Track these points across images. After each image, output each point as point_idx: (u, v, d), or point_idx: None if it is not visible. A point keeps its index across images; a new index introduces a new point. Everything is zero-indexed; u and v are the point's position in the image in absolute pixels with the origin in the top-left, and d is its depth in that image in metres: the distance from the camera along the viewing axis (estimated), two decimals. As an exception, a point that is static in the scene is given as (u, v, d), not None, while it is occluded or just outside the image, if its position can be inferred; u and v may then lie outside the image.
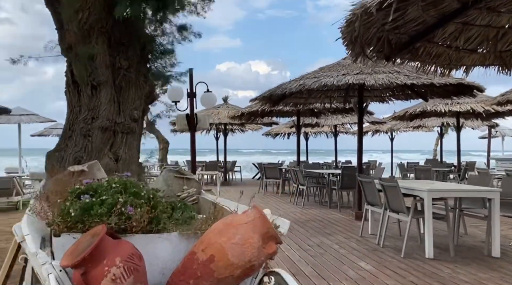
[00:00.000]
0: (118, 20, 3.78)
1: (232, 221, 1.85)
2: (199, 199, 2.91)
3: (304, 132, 21.67)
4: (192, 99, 8.06)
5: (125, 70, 4.06)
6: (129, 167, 3.92)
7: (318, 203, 10.37)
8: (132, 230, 1.74)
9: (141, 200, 1.80)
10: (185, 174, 2.81)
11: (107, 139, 3.93)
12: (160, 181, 2.74)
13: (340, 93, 9.40)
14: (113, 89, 4.02)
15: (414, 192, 5.31)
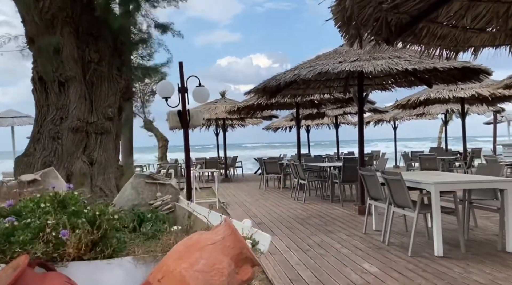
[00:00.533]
0: (86, 9, 3.41)
1: (196, 241, 1.49)
2: (176, 207, 2.55)
3: (305, 125, 21.29)
4: (184, 94, 7.68)
5: (96, 64, 3.68)
6: (105, 170, 3.57)
7: (320, 197, 10.02)
8: (70, 257, 1.39)
9: (81, 219, 1.44)
10: (158, 179, 2.45)
11: (80, 141, 3.57)
12: (128, 188, 2.38)
13: (340, 82, 9.01)
14: (84, 86, 3.64)
15: (420, 185, 4.94)
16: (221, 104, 14.72)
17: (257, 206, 9.04)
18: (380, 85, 8.92)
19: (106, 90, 3.73)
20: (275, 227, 6.55)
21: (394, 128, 21.04)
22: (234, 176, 18.29)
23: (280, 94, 8.76)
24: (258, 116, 14.91)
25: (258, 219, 7.35)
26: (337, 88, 9.25)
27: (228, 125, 18.32)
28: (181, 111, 7.68)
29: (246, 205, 9.18)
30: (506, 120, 22.17)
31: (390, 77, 8.61)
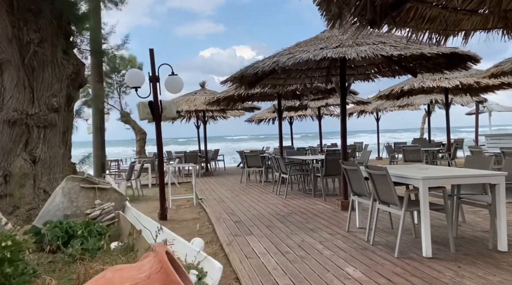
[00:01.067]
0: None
1: (111, 281, 1.05)
2: (120, 217, 2.10)
3: (288, 117, 20.94)
4: (155, 84, 7.18)
5: (37, 46, 3.16)
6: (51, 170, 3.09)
7: (302, 191, 9.67)
8: None
9: None
10: (96, 183, 2.00)
11: (19, 136, 3.07)
12: (59, 195, 1.93)
13: (321, 72, 8.61)
14: (22, 71, 3.13)
15: (408, 180, 4.59)
16: (200, 96, 14.20)
17: (237, 202, 8.63)
18: (363, 75, 8.57)
19: (49, 77, 3.22)
20: (254, 225, 6.15)
21: (377, 120, 20.87)
22: (216, 170, 17.84)
23: (260, 84, 8.32)
24: (239, 108, 14.44)
25: (237, 216, 6.93)
26: (318, 78, 8.85)
27: (208, 117, 17.81)
28: (153, 102, 7.19)
29: (225, 201, 8.76)
30: (487, 111, 22.24)
31: (373, 66, 8.26)
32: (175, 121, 19.37)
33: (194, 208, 8.45)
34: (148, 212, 8.10)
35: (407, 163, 11.78)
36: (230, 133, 72.68)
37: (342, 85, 7.12)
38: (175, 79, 7.36)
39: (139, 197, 10.21)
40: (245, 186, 11.56)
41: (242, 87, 7.86)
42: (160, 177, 7.37)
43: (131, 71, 7.19)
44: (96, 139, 10.28)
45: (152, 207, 8.68)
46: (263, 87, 8.75)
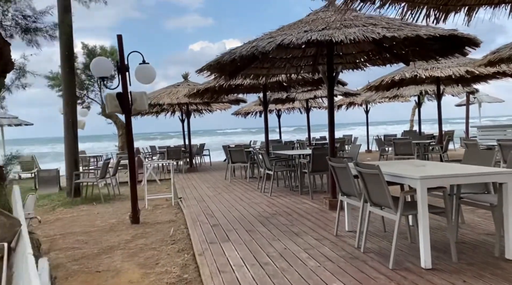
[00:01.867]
0: None
1: None
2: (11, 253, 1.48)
3: (275, 109, 20.35)
4: (124, 74, 6.52)
5: None
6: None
7: (289, 188, 9.10)
8: None
9: None
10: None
11: None
12: None
13: (308, 61, 8.01)
14: None
15: (403, 180, 4.04)
16: (183, 88, 13.50)
17: (218, 201, 8.03)
18: (352, 64, 7.99)
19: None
20: (233, 230, 5.56)
21: (366, 112, 20.38)
22: (201, 165, 17.20)
23: (242, 74, 7.70)
24: (224, 101, 13.79)
25: (215, 219, 6.34)
26: (305, 68, 8.25)
27: (192, 110, 17.14)
28: (121, 93, 6.53)
29: (206, 200, 8.15)
30: (477, 102, 21.89)
31: (363, 54, 7.68)
32: (159, 114, 18.66)
33: (172, 208, 7.84)
34: (121, 214, 7.49)
35: (398, 157, 11.29)
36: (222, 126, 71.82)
37: (330, 74, 6.53)
38: (147, 68, 6.70)
39: (115, 196, 9.56)
40: (229, 182, 10.96)
41: (221, 77, 7.22)
42: (131, 176, 6.73)
43: (97, 59, 6.51)
44: (68, 134, 9.59)
45: (127, 207, 8.02)
46: (245, 78, 8.13)
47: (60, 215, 7.72)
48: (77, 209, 8.31)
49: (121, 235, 5.93)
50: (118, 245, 5.40)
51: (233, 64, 6.44)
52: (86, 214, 7.75)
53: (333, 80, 6.56)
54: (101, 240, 5.73)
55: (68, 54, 9.36)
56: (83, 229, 6.46)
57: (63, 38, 9.37)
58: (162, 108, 16.73)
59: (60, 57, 9.44)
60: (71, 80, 9.50)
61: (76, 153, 9.59)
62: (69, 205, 8.69)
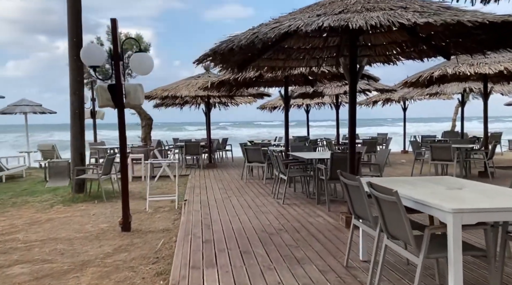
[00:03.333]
0: None
1: None
2: None
3: (304, 104, 19.31)
4: (117, 63, 5.80)
5: None
6: None
7: (306, 195, 8.17)
8: None
9: None
10: None
11: None
12: None
13: (330, 52, 7.00)
14: None
15: (431, 210, 3.06)
16: (202, 80, 12.75)
17: (224, 207, 7.24)
18: (382, 57, 6.91)
19: None
20: (225, 250, 4.73)
21: (404, 109, 18.92)
22: (222, 161, 16.50)
23: (253, 66, 6.82)
24: (244, 94, 12.95)
25: (211, 232, 5.54)
26: (327, 60, 7.25)
27: (216, 103, 16.41)
28: (114, 85, 5.82)
29: (211, 205, 7.38)
30: (529, 102, 19.90)
31: (395, 45, 6.59)
32: (183, 106, 18.07)
33: (173, 213, 7.13)
34: (118, 217, 6.83)
35: (435, 162, 10.06)
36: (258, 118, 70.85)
37: (352, 67, 5.53)
38: (143, 58, 5.96)
39: (119, 194, 8.96)
40: (244, 183, 10.15)
41: (227, 69, 6.36)
42: (123, 176, 6.04)
43: (87, 46, 5.83)
44: (74, 126, 9.07)
45: (125, 209, 7.40)
46: (257, 70, 7.23)
47: (54, 215, 7.19)
48: (75, 207, 7.77)
49: (104, 246, 5.26)
50: (94, 260, 4.72)
51: (236, 54, 5.58)
52: (81, 215, 7.17)
53: (356, 75, 5.56)
54: (80, 251, 5.08)
55: (76, 41, 8.80)
56: (68, 235, 5.85)
57: (70, 24, 8.82)
58: (185, 101, 16.09)
59: (68, 44, 8.90)
60: (78, 68, 8.95)
61: (82, 146, 9.07)
62: (68, 203, 8.18)
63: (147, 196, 7.57)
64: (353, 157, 5.72)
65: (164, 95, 12.64)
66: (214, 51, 4.76)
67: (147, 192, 7.62)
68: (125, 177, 5.99)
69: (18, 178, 12.60)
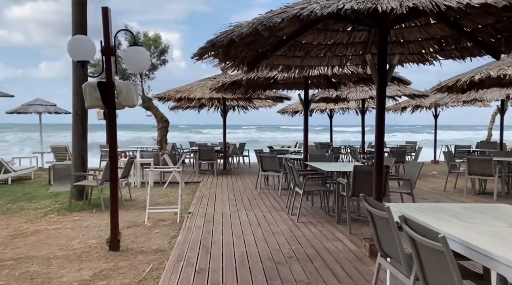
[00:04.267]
0: None
1: None
2: None
3: (328, 109, 18.31)
4: (109, 58, 5.07)
5: None
6: None
7: (325, 210, 7.24)
8: None
9: None
10: None
11: None
12: None
13: (356, 49, 6.08)
14: None
15: (493, 263, 2.14)
16: (217, 81, 11.97)
17: (230, 223, 6.41)
18: (416, 55, 5.94)
19: None
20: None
21: (435, 116, 17.66)
22: (239, 166, 15.70)
23: (265, 64, 5.98)
24: (261, 97, 12.11)
25: (207, 258, 4.71)
26: (352, 59, 6.33)
27: (235, 106, 15.66)
28: (104, 83, 5.10)
29: (216, 220, 6.56)
30: None
31: (432, 42, 5.61)
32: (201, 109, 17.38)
33: (174, 228, 6.36)
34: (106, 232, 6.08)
35: (472, 177, 8.93)
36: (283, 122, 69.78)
37: (381, 66, 4.62)
38: (138, 52, 5.22)
39: (123, 203, 8.29)
40: (258, 193, 9.30)
41: (236, 66, 5.54)
42: (112, 186, 5.29)
43: (75, 38, 5.13)
44: (76, 128, 8.45)
45: (125, 221, 6.69)
46: (271, 69, 6.38)
47: (44, 226, 6.53)
48: (69, 217, 7.10)
49: (83, 270, 4.52)
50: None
51: (243, 50, 4.76)
52: (72, 226, 6.48)
53: (385, 75, 4.65)
54: (54, 275, 4.35)
55: (81, 26, 8.17)
56: (49, 252, 5.15)
57: (74, 19, 8.22)
58: (201, 103, 15.40)
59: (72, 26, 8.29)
60: (78, 67, 8.32)
61: (84, 150, 8.44)
62: (64, 211, 7.53)
63: (146, 207, 6.82)
64: (380, 171, 4.79)
65: (178, 97, 11.94)
66: (212, 43, 3.94)
67: (147, 203, 6.88)
68: (115, 188, 5.25)
69: (26, 179, 12.17)
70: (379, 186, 4.75)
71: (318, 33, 5.51)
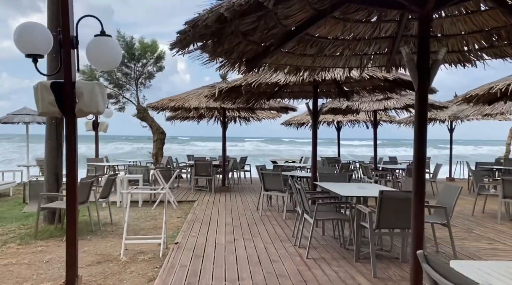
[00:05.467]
0: None
1: None
2: None
3: (335, 121, 17.15)
4: (68, 50, 3.93)
5: None
6: None
7: (339, 241, 6.02)
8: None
9: None
10: None
11: None
12: None
13: (380, 46, 4.93)
14: None
15: None
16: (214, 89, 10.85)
17: (224, 259, 5.20)
18: (456, 54, 4.80)
19: None
20: None
21: (450, 130, 16.45)
22: (239, 182, 14.51)
23: (268, 63, 4.85)
24: (264, 108, 10.98)
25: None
26: (375, 59, 5.19)
27: (234, 117, 14.57)
28: (61, 83, 3.97)
29: (207, 255, 5.35)
30: None
31: (479, 36, 4.46)
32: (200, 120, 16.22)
33: (155, 264, 5.16)
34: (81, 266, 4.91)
35: (506, 200, 7.70)
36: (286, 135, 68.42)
37: (422, 61, 3.48)
38: (106, 44, 4.08)
39: (100, 228, 7.10)
40: (259, 216, 8.09)
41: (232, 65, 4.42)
42: (69, 213, 4.09)
43: (24, 25, 4.00)
44: (50, 140, 7.32)
45: (98, 253, 5.49)
46: (277, 71, 5.24)
47: (-4, 259, 5.34)
48: (31, 248, 5.90)
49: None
50: None
51: (238, 41, 3.64)
52: (30, 261, 5.29)
53: (427, 73, 3.49)
54: None
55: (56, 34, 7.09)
56: (-16, 302, 3.96)
57: (50, 13, 7.16)
58: (200, 113, 14.28)
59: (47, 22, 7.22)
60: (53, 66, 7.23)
61: (58, 166, 7.29)
62: (29, 239, 6.34)
63: (123, 238, 5.62)
64: (422, 202, 3.59)
65: (171, 105, 10.82)
66: (193, 24, 2.80)
67: (124, 232, 5.67)
68: (73, 218, 4.05)
69: (4, 196, 11.02)
70: (420, 224, 3.55)
71: (335, 24, 4.38)
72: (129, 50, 16.12)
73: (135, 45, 16.05)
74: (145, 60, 16.40)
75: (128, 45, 16.01)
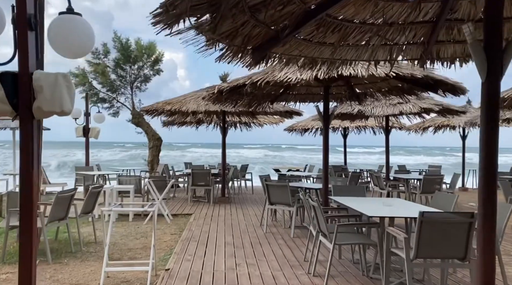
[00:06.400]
0: None
1: None
2: None
3: (341, 127, 16.27)
4: (25, 31, 3.03)
5: None
6: None
7: (360, 268, 5.07)
8: None
9: None
10: None
11: None
12: None
13: (415, 35, 4.03)
14: None
15: None
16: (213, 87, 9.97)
17: (224, 292, 4.27)
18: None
19: None
20: None
21: (463, 137, 15.58)
22: (240, 192, 13.57)
23: (278, 55, 3.97)
24: (267, 112, 10.09)
25: None
26: (406, 50, 4.31)
27: (234, 123, 13.70)
28: (13, 74, 3.07)
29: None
30: None
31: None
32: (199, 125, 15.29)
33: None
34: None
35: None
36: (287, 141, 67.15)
37: (492, 43, 2.59)
38: (73, 24, 3.18)
39: (81, 247, 6.17)
40: (264, 234, 7.16)
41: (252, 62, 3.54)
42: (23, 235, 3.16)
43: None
44: (25, 148, 6.39)
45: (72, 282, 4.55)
46: (287, 63, 4.35)
47: None
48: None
49: None
50: None
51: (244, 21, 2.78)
52: (-13, 295, 4.35)
53: (500, 57, 2.60)
54: None
55: None
56: None
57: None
58: (198, 119, 13.40)
59: None
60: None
61: (35, 175, 6.35)
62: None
63: (103, 265, 4.67)
64: (493, 227, 2.68)
65: (167, 109, 9.92)
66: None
67: (105, 256, 4.73)
68: (29, 243, 3.12)
69: (-16, 208, 10.05)
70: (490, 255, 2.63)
71: (365, 2, 3.49)
72: (124, 52, 15.27)
73: (131, 47, 15.19)
74: (142, 63, 15.53)
75: (124, 46, 15.15)
